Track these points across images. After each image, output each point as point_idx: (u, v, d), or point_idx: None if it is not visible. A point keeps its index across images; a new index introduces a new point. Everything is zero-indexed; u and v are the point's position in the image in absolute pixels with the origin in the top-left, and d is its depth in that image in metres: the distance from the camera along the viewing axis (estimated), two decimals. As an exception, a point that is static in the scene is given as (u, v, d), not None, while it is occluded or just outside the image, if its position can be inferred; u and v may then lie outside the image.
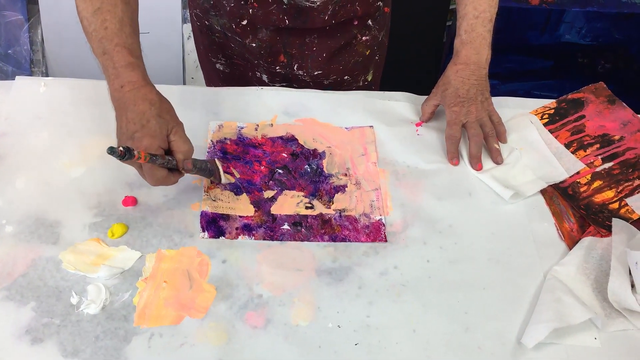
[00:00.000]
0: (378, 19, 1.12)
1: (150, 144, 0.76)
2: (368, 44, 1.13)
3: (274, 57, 1.10)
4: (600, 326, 0.78)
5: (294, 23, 1.03)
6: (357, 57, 1.13)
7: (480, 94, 0.97)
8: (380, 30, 1.14)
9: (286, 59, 1.11)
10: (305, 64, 1.11)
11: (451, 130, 0.97)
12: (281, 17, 1.02)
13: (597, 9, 1.64)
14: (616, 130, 1.02)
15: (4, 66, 1.80)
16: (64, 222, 0.84)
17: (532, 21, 1.68)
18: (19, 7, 1.76)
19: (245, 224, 0.87)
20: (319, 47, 1.09)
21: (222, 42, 1.13)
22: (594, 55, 1.77)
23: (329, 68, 1.11)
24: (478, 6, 0.95)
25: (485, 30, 0.95)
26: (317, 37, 1.07)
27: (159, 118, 0.78)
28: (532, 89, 1.87)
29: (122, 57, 0.80)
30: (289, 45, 1.08)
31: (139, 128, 0.77)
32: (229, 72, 1.18)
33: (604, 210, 0.91)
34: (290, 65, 1.11)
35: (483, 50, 0.96)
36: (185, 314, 0.77)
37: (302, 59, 1.11)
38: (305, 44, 1.08)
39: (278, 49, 1.09)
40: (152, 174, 0.77)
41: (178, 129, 0.80)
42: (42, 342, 0.73)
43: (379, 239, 0.86)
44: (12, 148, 0.93)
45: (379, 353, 0.75)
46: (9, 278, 0.78)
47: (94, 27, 0.82)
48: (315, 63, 1.11)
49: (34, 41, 1.81)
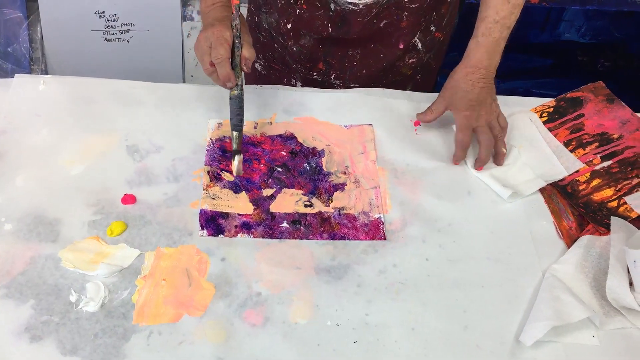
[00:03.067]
0: (427, 42, 1.11)
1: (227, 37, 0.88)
2: (412, 65, 1.13)
3: (314, 63, 1.11)
4: (598, 324, 0.78)
5: (337, 32, 1.03)
6: (397, 77, 1.13)
7: (489, 97, 0.95)
8: (427, 52, 1.13)
9: (325, 67, 1.11)
10: (343, 76, 1.11)
11: (462, 136, 0.95)
12: (325, 24, 1.02)
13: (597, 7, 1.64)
14: (615, 129, 1.02)
15: (3, 64, 1.80)
16: (63, 220, 0.85)
17: (532, 19, 1.67)
18: (18, 5, 1.76)
19: (244, 222, 0.87)
20: (360, 63, 1.09)
21: (266, 42, 1.14)
22: (594, 54, 1.77)
23: (368, 84, 1.10)
24: (500, 11, 0.92)
25: (502, 36, 0.93)
26: (359, 52, 1.07)
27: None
28: (532, 87, 1.87)
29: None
30: (330, 55, 1.09)
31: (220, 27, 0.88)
32: (265, 74, 1.19)
33: (603, 209, 0.91)
34: (327, 73, 1.12)
35: (496, 56, 0.94)
36: (184, 312, 0.77)
37: (342, 71, 1.11)
38: (347, 56, 1.08)
39: (319, 57, 1.09)
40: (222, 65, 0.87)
41: (247, 38, 0.91)
42: (41, 339, 0.73)
43: (377, 236, 0.86)
44: (12, 146, 0.93)
45: (378, 351, 0.75)
46: (8, 276, 0.78)
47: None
48: (353, 77, 1.11)
49: (34, 39, 1.81)
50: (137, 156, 0.93)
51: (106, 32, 1.82)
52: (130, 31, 1.83)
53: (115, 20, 1.81)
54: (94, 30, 1.82)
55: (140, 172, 0.91)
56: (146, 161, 0.93)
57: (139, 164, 0.92)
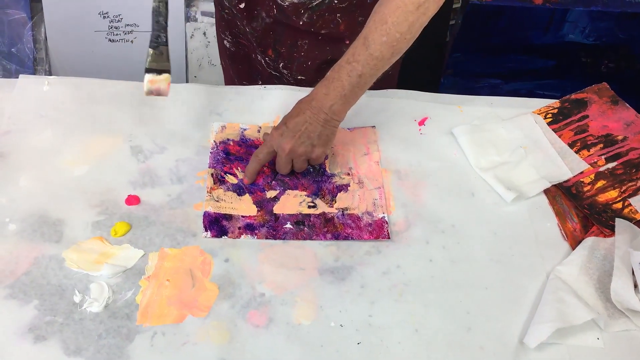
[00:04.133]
0: None
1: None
2: None
3: (264, 48, 1.10)
4: (602, 326, 0.78)
5: (280, 16, 1.03)
6: None
7: (305, 135, 0.87)
8: None
9: (274, 54, 1.10)
10: (291, 66, 1.10)
11: (257, 151, 0.91)
12: (271, 5, 1.02)
13: (601, 9, 1.63)
14: (619, 131, 1.02)
15: (7, 64, 1.81)
16: (67, 221, 0.85)
17: (535, 20, 1.67)
18: (22, 5, 1.76)
19: (247, 223, 0.87)
20: (307, 54, 1.07)
21: (230, 20, 1.13)
22: (598, 55, 1.76)
23: (314, 78, 1.06)
24: (356, 53, 0.84)
25: (347, 81, 0.85)
26: (307, 43, 1.06)
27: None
28: (535, 88, 1.87)
29: None
30: (280, 42, 1.08)
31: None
32: (234, 50, 1.18)
33: (608, 210, 0.91)
34: (276, 61, 1.11)
35: (332, 96, 0.86)
36: (188, 313, 0.77)
37: (289, 60, 1.10)
38: (296, 45, 1.07)
39: (268, 42, 1.09)
40: None
41: None
42: (45, 340, 0.73)
43: (382, 236, 0.86)
44: (16, 146, 0.93)
45: (381, 352, 0.75)
46: (12, 276, 0.78)
47: None
48: (301, 67, 1.10)
49: (37, 39, 1.81)
50: (141, 157, 0.94)
51: (110, 33, 1.83)
52: (134, 32, 1.83)
53: (119, 21, 1.81)
54: (98, 31, 1.82)
55: (144, 173, 0.92)
56: (150, 162, 0.93)
57: (143, 165, 0.93)
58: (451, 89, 1.84)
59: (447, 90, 1.12)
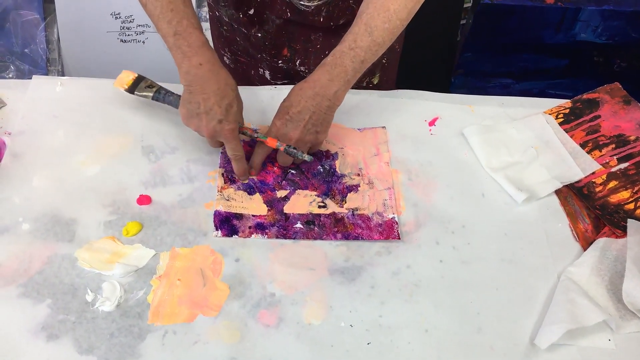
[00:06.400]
0: None
1: (234, 130, 0.87)
2: None
3: (278, 49, 1.10)
4: (614, 328, 0.77)
5: (295, 17, 1.03)
6: None
7: (311, 123, 0.88)
8: None
9: (289, 53, 1.10)
10: (307, 60, 1.11)
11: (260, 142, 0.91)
12: (284, 9, 1.02)
13: (613, 8, 1.62)
14: (632, 131, 1.01)
15: (20, 65, 1.82)
16: (80, 220, 0.85)
17: (547, 20, 1.66)
18: (35, 6, 1.78)
19: (258, 222, 0.87)
20: (323, 45, 1.08)
21: (229, 36, 1.14)
22: (610, 54, 1.75)
23: None
24: (359, 39, 0.85)
25: (351, 67, 0.86)
26: (322, 35, 1.07)
27: (238, 104, 0.88)
28: (547, 88, 1.86)
29: (197, 37, 0.85)
30: (294, 40, 1.08)
31: (224, 113, 0.86)
32: (233, 67, 1.19)
33: (620, 211, 0.90)
34: (292, 60, 1.11)
35: (336, 82, 0.87)
36: (199, 312, 0.77)
37: (306, 56, 1.10)
38: (310, 40, 1.08)
39: (282, 42, 1.09)
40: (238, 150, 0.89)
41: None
42: (57, 338, 0.74)
43: (392, 236, 0.86)
44: (29, 146, 0.94)
45: (391, 353, 0.75)
46: (25, 275, 0.79)
47: (159, 10, 0.84)
48: (318, 61, 1.10)
49: (50, 40, 1.83)
50: (153, 157, 0.94)
51: (122, 34, 1.84)
52: (146, 32, 1.84)
53: (130, 21, 1.82)
54: (110, 32, 1.83)
55: (155, 173, 0.92)
56: (161, 162, 0.94)
57: (154, 165, 0.93)
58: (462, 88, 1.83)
59: (458, 90, 1.12)
